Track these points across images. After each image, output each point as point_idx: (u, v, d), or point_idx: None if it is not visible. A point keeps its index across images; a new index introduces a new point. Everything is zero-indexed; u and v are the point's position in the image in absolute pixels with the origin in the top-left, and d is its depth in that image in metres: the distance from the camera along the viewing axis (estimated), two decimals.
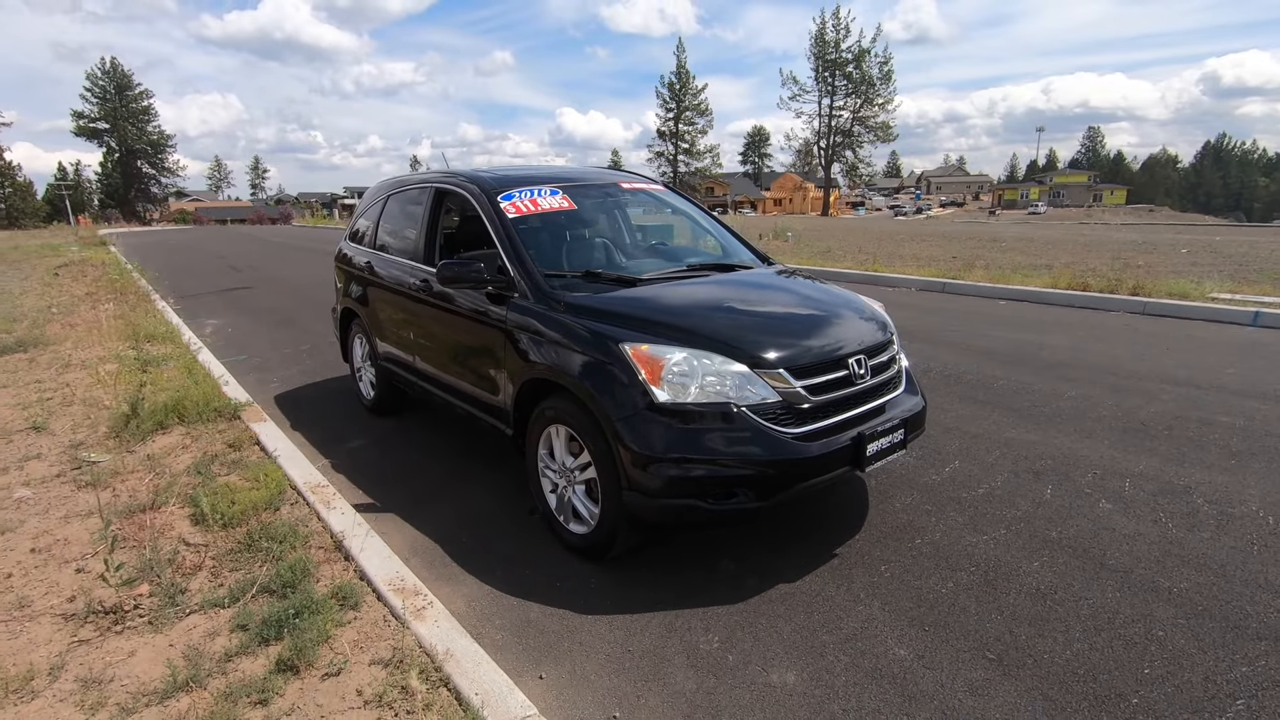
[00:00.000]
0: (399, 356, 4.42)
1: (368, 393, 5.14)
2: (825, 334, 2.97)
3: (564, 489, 3.06)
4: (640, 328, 2.82)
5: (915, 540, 3.14)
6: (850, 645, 2.45)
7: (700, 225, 4.27)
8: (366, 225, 5.00)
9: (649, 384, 2.62)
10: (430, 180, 4.23)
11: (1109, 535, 3.13)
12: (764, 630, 2.54)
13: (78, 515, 3.38)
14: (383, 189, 4.93)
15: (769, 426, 2.62)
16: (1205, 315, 8.57)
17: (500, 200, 3.60)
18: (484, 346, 3.46)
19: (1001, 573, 2.85)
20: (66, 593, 2.72)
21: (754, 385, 2.65)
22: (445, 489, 3.86)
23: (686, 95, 64.51)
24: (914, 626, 2.54)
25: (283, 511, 3.33)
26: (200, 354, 6.42)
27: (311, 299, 10.99)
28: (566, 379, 2.87)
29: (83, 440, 4.38)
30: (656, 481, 2.59)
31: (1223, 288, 9.96)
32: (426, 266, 4.03)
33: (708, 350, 2.69)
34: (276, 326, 8.81)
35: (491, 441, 4.46)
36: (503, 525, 3.42)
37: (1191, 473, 3.75)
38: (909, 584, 2.80)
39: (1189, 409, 4.76)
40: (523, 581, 2.91)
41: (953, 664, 2.33)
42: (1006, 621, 2.54)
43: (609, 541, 2.88)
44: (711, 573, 2.96)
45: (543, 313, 3.08)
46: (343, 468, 4.16)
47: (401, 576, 2.68)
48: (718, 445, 2.58)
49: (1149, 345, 6.88)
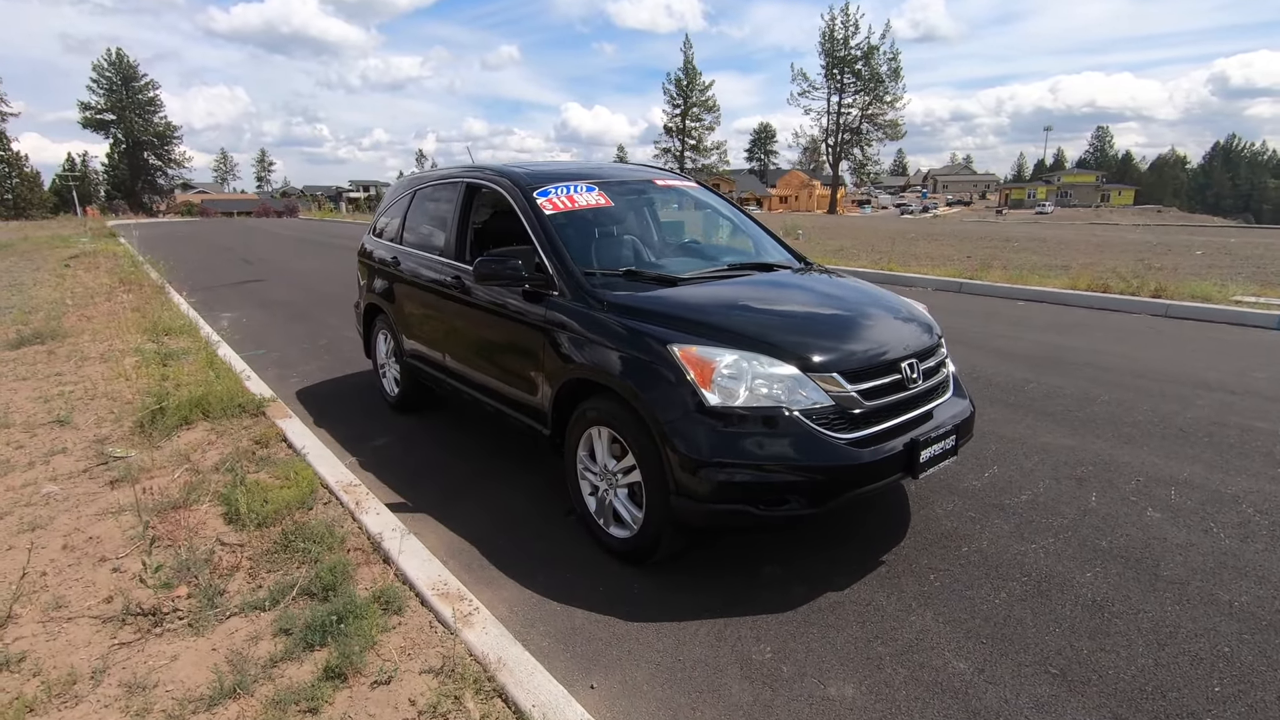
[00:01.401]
0: (427, 354, 4.36)
1: (391, 390, 5.09)
2: (877, 337, 2.90)
3: (605, 492, 3.00)
4: (687, 329, 2.76)
5: (962, 548, 3.08)
6: (908, 657, 2.38)
7: (735, 224, 4.20)
8: (392, 220, 4.94)
9: (699, 386, 2.56)
10: (460, 175, 4.17)
11: (1160, 545, 3.06)
12: (816, 640, 2.48)
13: (108, 512, 3.33)
14: (409, 184, 4.87)
15: (821, 431, 2.55)
16: (1228, 319, 8.47)
17: (536, 196, 3.54)
18: (520, 345, 3.40)
19: (1054, 583, 2.79)
20: (103, 592, 2.67)
21: (806, 389, 2.58)
22: (476, 488, 3.80)
23: (694, 91, 64.28)
24: (971, 639, 2.47)
25: (316, 511, 3.28)
26: (220, 349, 6.37)
27: (324, 293, 10.95)
28: (611, 380, 2.80)
29: (107, 435, 4.34)
30: (706, 486, 2.53)
31: (1246, 290, 9.85)
32: (458, 263, 3.97)
33: (758, 352, 2.63)
34: (291, 320, 8.77)
35: (517, 439, 4.41)
36: (538, 526, 3.37)
37: (1238, 481, 3.67)
38: (960, 594, 2.74)
39: (1226, 414, 4.69)
40: (564, 586, 2.85)
41: (1015, 679, 2.27)
42: (1065, 634, 2.48)
43: (653, 546, 2.82)
44: (755, 578, 2.90)
45: (584, 312, 3.02)
46: (370, 465, 4.11)
47: (444, 580, 2.63)
48: (769, 450, 2.52)
49: (1175, 348, 6.80)
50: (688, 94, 64.17)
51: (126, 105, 68.14)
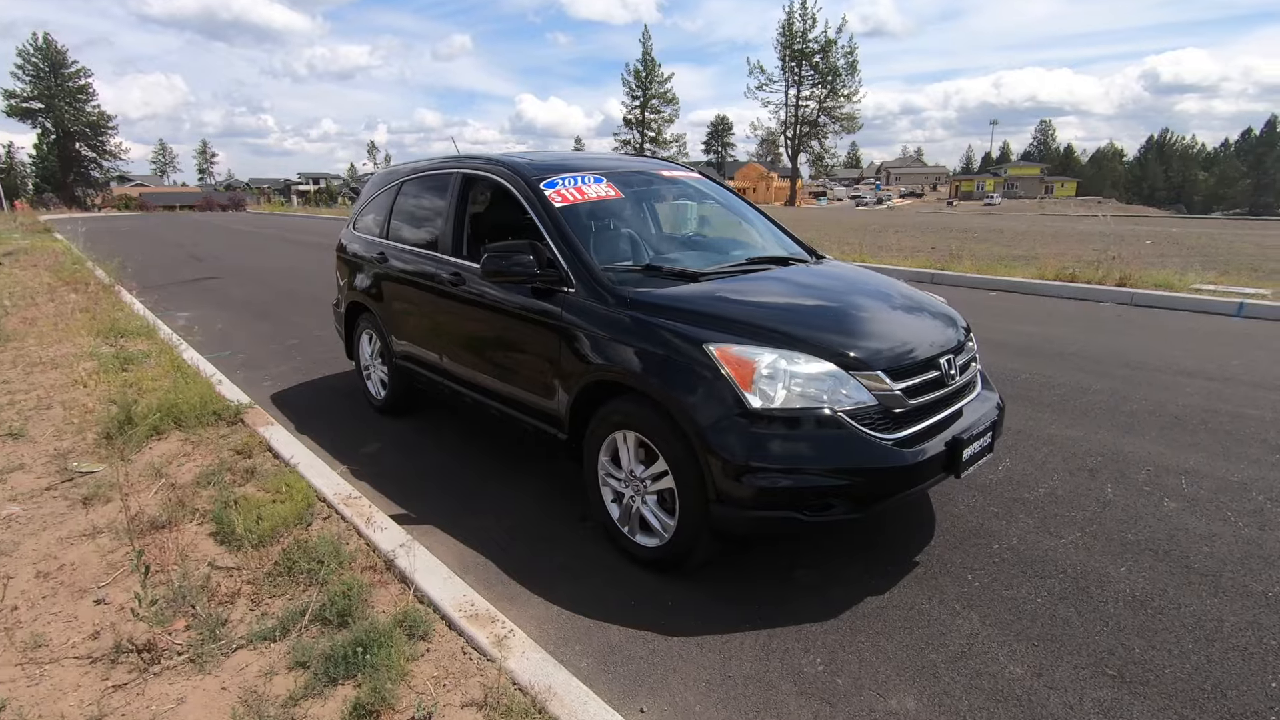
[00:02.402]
0: (421, 355, 4.14)
1: (377, 392, 4.84)
2: (915, 332, 2.81)
3: (631, 499, 2.86)
4: (720, 326, 2.62)
5: (993, 545, 3.03)
6: (962, 664, 2.31)
7: (742, 216, 4.08)
8: (376, 214, 4.67)
9: (740, 388, 2.43)
10: (455, 165, 3.95)
11: (1185, 536, 3.06)
12: (867, 650, 2.39)
13: (82, 535, 3.05)
14: (395, 175, 4.61)
15: (867, 432, 2.46)
16: (1191, 306, 8.75)
17: (544, 188, 3.35)
18: (532, 346, 3.22)
19: (1092, 579, 2.76)
20: (87, 628, 2.42)
21: (849, 388, 2.48)
22: (481, 495, 3.62)
23: (653, 83, 64.05)
24: (1021, 641, 2.41)
25: (315, 527, 3.06)
26: (184, 351, 5.99)
27: (287, 290, 10.49)
28: (641, 382, 2.66)
29: (70, 449, 4.00)
30: (750, 493, 2.41)
31: (1203, 279, 10.21)
32: (455, 258, 3.76)
33: (798, 350, 2.52)
34: (255, 319, 8.35)
35: (516, 439, 4.22)
36: (553, 534, 3.21)
37: (1242, 469, 3.72)
38: (1002, 593, 2.68)
39: (1215, 402, 4.78)
40: (593, 599, 2.70)
41: (1074, 682, 2.21)
42: (1114, 633, 2.44)
43: (685, 556, 2.70)
44: (789, 583, 2.79)
45: (606, 310, 2.86)
46: (364, 474, 3.87)
47: (470, 601, 2.45)
48: (815, 453, 2.41)
49: (1148, 336, 6.97)
50: (647, 86, 63.91)
51: (55, 93, 64.44)
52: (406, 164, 4.62)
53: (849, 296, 3.09)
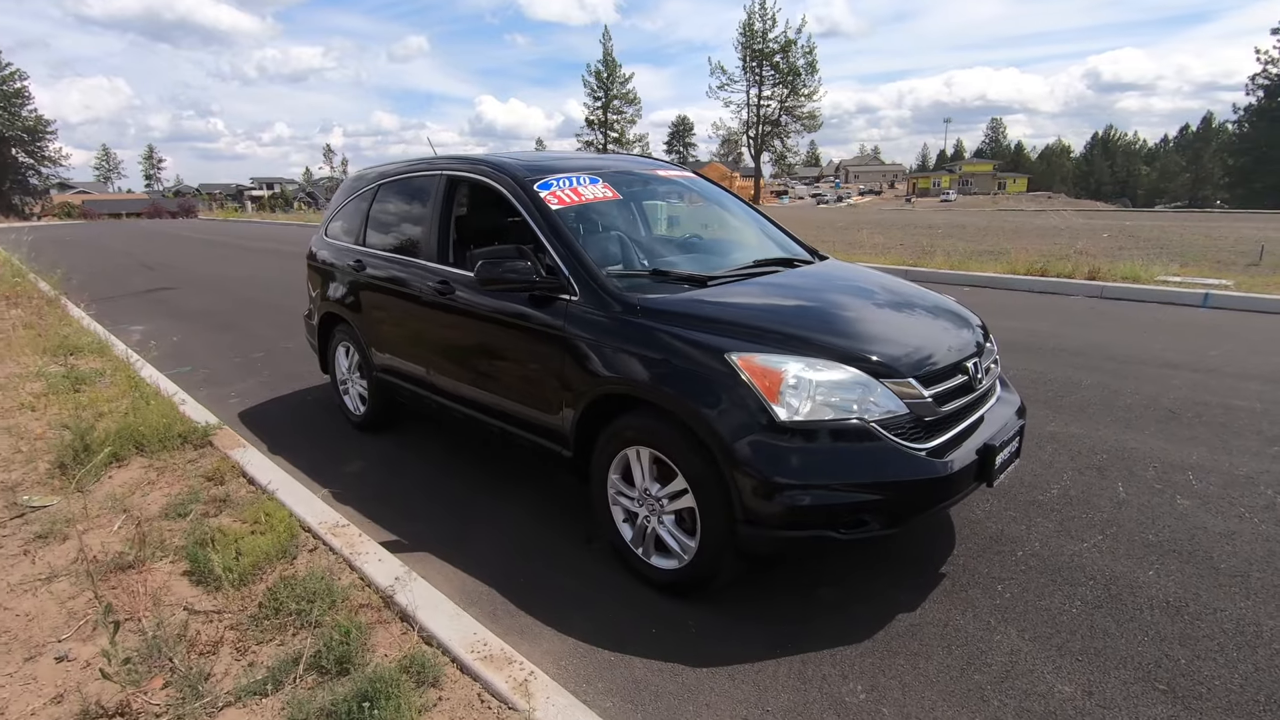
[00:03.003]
0: (405, 369, 3.90)
1: (356, 408, 4.57)
2: (940, 335, 2.70)
3: (646, 519, 2.69)
4: (740, 334, 2.47)
5: (1016, 552, 2.94)
6: (1009, 685, 2.20)
7: (741, 216, 3.94)
8: (351, 219, 4.41)
9: (767, 400, 2.28)
10: (439, 167, 3.73)
11: (1205, 535, 3.01)
12: (908, 673, 2.26)
13: (36, 580, 2.75)
14: (371, 178, 4.36)
15: (900, 443, 2.33)
16: (1159, 298, 8.92)
17: (538, 190, 3.16)
18: (531, 357, 3.03)
19: (1122, 585, 2.68)
20: (48, 690, 2.15)
21: (879, 396, 2.35)
22: (475, 515, 3.41)
23: (614, 84, 63.87)
24: (1064, 656, 2.31)
25: (302, 561, 2.82)
26: (141, 368, 5.61)
27: (247, 299, 10.05)
28: (657, 395, 2.49)
29: (19, 480, 3.66)
30: (780, 512, 2.26)
31: (1167, 271, 10.45)
32: (442, 265, 3.54)
33: (825, 358, 2.38)
34: (215, 332, 7.94)
35: (507, 453, 4.02)
36: (559, 558, 3.02)
37: (1244, 461, 3.72)
38: (1035, 604, 2.59)
39: (1202, 394, 4.81)
40: (609, 629, 2.52)
41: (1126, 700, 2.12)
42: (1156, 643, 2.36)
43: (707, 578, 2.54)
44: (813, 602, 2.66)
45: (615, 319, 2.68)
46: (348, 498, 3.63)
47: (482, 640, 2.25)
48: (848, 467, 2.28)
49: (1125, 329, 7.06)
50: (608, 87, 63.70)
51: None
52: (382, 166, 4.37)
53: (866, 299, 2.96)
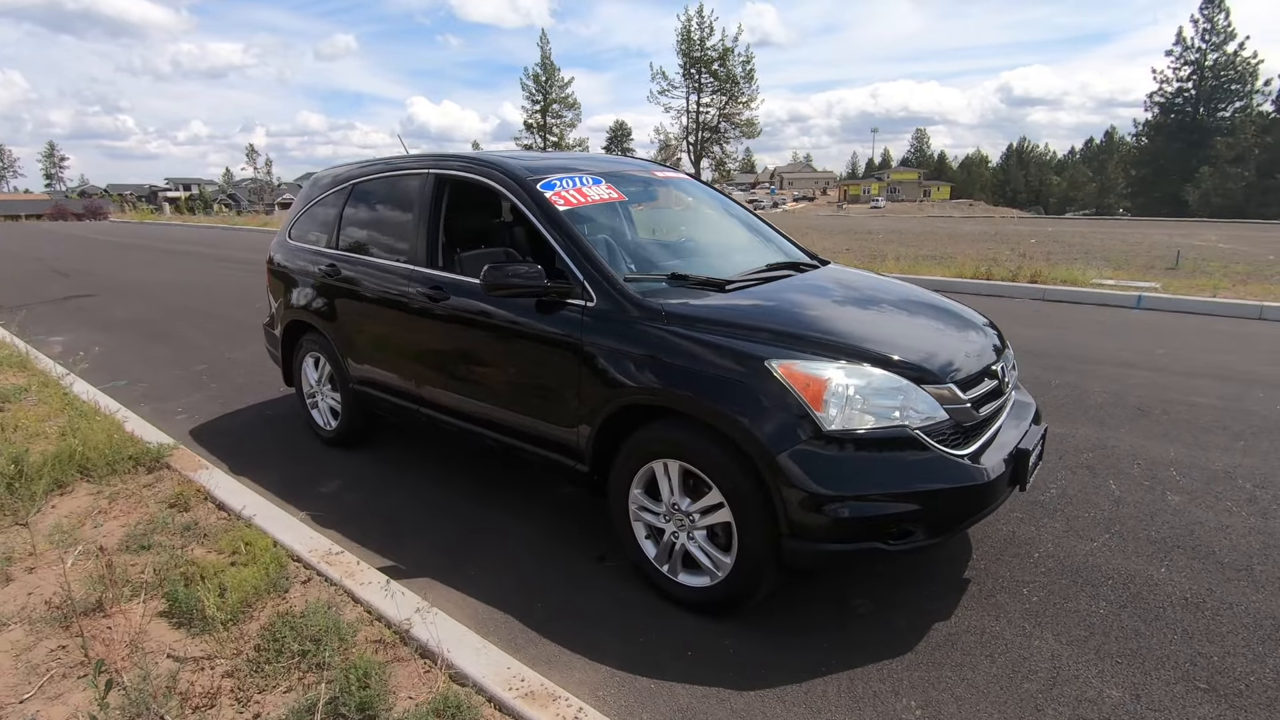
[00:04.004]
0: (387, 381, 3.65)
1: (325, 422, 4.27)
2: (969, 339, 2.69)
3: (673, 535, 2.56)
4: (775, 340, 2.38)
5: (1033, 554, 2.95)
6: (1059, 693, 2.17)
7: (741, 219, 3.86)
8: (321, 221, 4.12)
9: (811, 408, 2.20)
10: (424, 165, 3.50)
11: (1202, 530, 3.11)
12: (958, 685, 2.21)
13: None
14: (342, 176, 4.08)
15: (944, 450, 2.28)
16: (1096, 300, 9.39)
17: (542, 190, 3.00)
18: (540, 367, 2.86)
19: (1140, 584, 2.72)
20: None
21: (921, 402, 2.30)
22: (474, 535, 3.20)
23: (553, 88, 63.34)
24: (1104, 659, 2.31)
25: (295, 595, 2.56)
26: (73, 383, 5.11)
27: (178, 307, 9.39)
28: (692, 406, 2.37)
29: None
30: (828, 524, 2.18)
31: (1102, 275, 11.02)
32: (431, 270, 3.33)
33: (866, 364, 2.31)
34: (148, 342, 7.36)
35: (496, 463, 3.81)
36: (573, 578, 2.86)
37: (1218, 456, 3.88)
38: (1063, 607, 2.59)
39: (1163, 391, 5.03)
40: (642, 654, 2.39)
41: (1174, 702, 2.12)
42: (1185, 640, 2.39)
43: (745, 595, 2.43)
44: (849, 614, 2.59)
45: (636, 325, 2.55)
46: (329, 521, 3.35)
47: (519, 675, 2.08)
48: (896, 476, 2.22)
49: (1074, 330, 7.37)
50: (547, 90, 63.13)
51: None
52: (353, 164, 4.10)
53: (887, 304, 2.93)
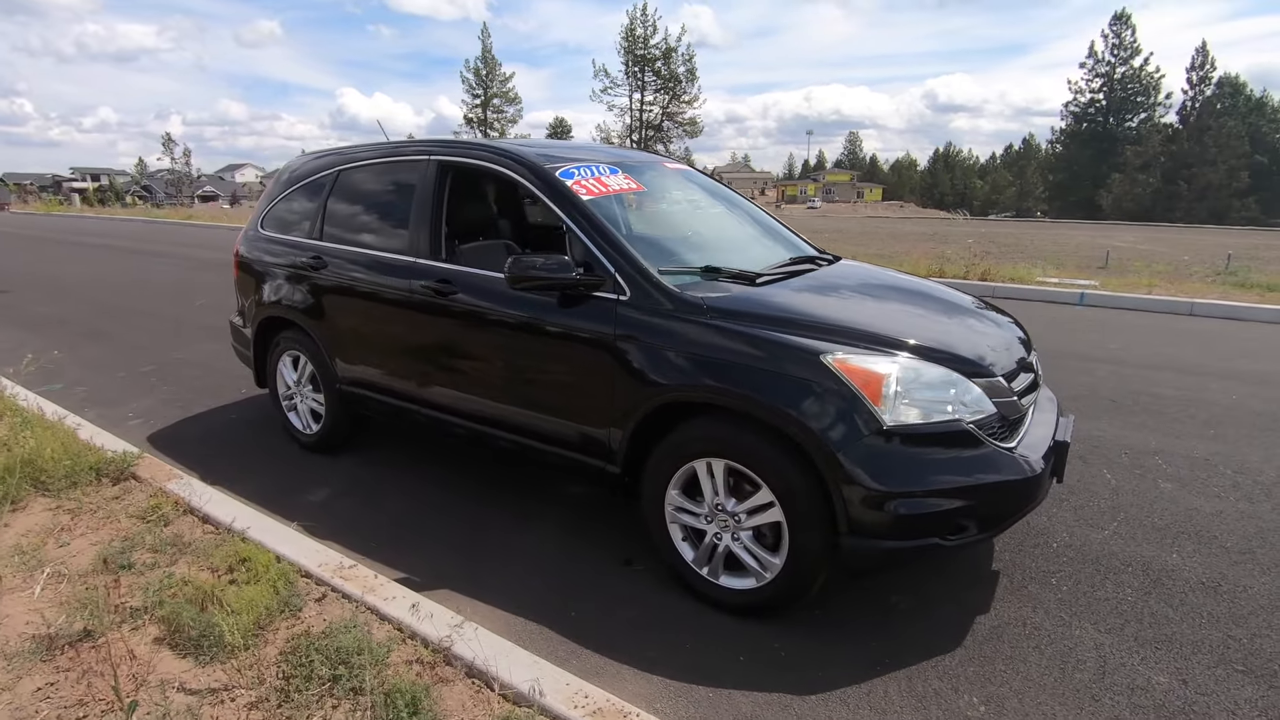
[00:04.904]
0: (383, 381, 3.43)
1: (306, 426, 3.99)
2: (1004, 333, 2.70)
3: (716, 536, 2.48)
4: (826, 335, 2.32)
5: (1051, 543, 3.01)
6: (1112, 681, 2.20)
7: (749, 212, 3.80)
8: (300, 210, 3.84)
9: (871, 403, 2.15)
10: (425, 151, 3.30)
11: (1200, 516, 3.23)
12: (1014, 679, 2.21)
13: None
14: (324, 164, 3.81)
15: (995, 444, 2.28)
16: (1042, 297, 9.83)
17: (561, 178, 2.86)
18: (566, 364, 2.73)
19: (1158, 570, 2.80)
20: None
21: (973, 396, 2.29)
22: (486, 540, 3.04)
23: (494, 82, 62.35)
24: (1143, 646, 2.36)
25: (310, 614, 2.35)
26: (7, 389, 4.63)
27: (107, 304, 8.73)
28: (748, 403, 2.28)
29: None
30: (889, 521, 2.14)
31: (1046, 273, 11.54)
32: (435, 263, 3.14)
33: (919, 358, 2.29)
34: (82, 342, 6.78)
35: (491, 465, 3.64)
36: (601, 583, 2.74)
37: (1195, 445, 4.06)
38: (1092, 595, 2.64)
39: (1128, 384, 5.27)
40: (691, 661, 2.29)
41: (1219, 685, 2.18)
42: (1212, 624, 2.46)
43: (795, 595, 2.38)
44: (891, 611, 2.57)
45: (676, 320, 2.45)
46: (325, 531, 3.12)
47: (581, 691, 1.95)
48: (954, 471, 2.20)
49: (1029, 325, 7.63)
50: (488, 84, 62.07)
51: None
52: (336, 150, 3.84)
53: (921, 299, 2.93)
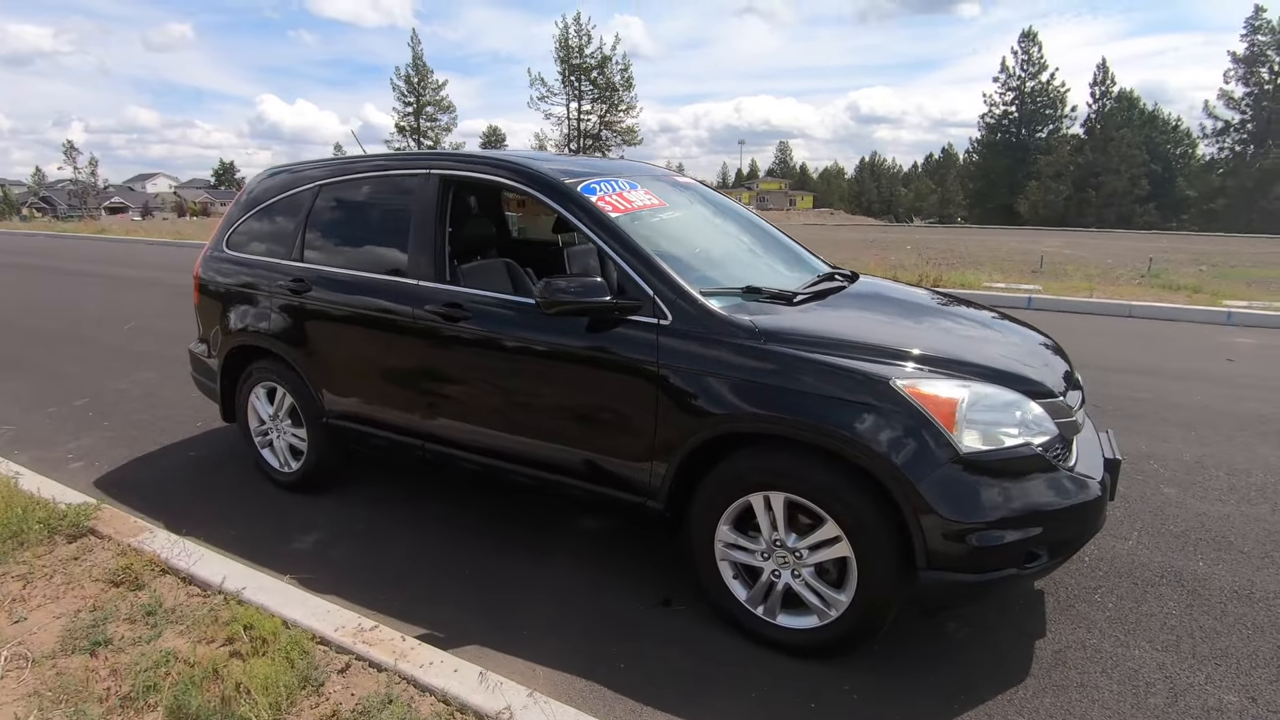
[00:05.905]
0: (380, 415, 3.15)
1: (282, 464, 3.65)
2: (1047, 351, 2.67)
3: (774, 574, 2.34)
4: (886, 359, 2.22)
5: (1083, 557, 2.99)
6: (1184, 703, 2.17)
7: (763, 227, 3.71)
8: (276, 229, 3.51)
9: (946, 430, 2.06)
10: (425, 165, 3.06)
11: (1211, 521, 3.30)
12: (1092, 710, 2.15)
13: None
14: (303, 177, 3.49)
15: (1061, 466, 2.22)
16: (992, 302, 10.04)
17: (584, 194, 2.68)
18: (599, 394, 2.54)
19: (1192, 580, 2.82)
20: None
21: (1037, 418, 2.23)
22: (506, 585, 2.81)
23: (426, 90, 60.92)
24: (1204, 663, 2.35)
25: (335, 689, 2.08)
26: None
27: (27, 329, 7.97)
28: (817, 433, 2.14)
29: None
30: (969, 553, 2.05)
31: (992, 278, 11.97)
32: (441, 285, 2.90)
33: (985, 382, 2.21)
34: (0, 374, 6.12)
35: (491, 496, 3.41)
36: (642, 628, 2.55)
37: (1181, 448, 4.19)
38: (1139, 610, 2.63)
39: (1102, 388, 5.41)
40: (765, 713, 2.15)
41: None
42: (1259, 636, 2.48)
43: (864, 634, 2.26)
44: (948, 641, 2.48)
45: (729, 345, 2.30)
46: (323, 585, 2.81)
47: None
48: (1030, 498, 2.12)
49: None
50: (420, 92, 60.59)
51: None
52: (316, 162, 3.54)
53: (958, 318, 2.87)
